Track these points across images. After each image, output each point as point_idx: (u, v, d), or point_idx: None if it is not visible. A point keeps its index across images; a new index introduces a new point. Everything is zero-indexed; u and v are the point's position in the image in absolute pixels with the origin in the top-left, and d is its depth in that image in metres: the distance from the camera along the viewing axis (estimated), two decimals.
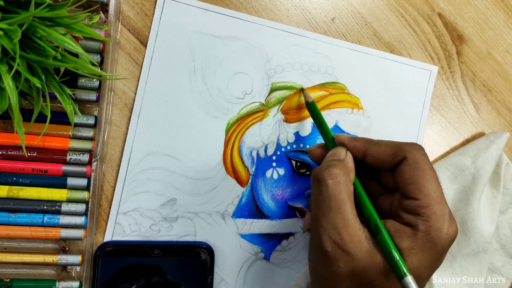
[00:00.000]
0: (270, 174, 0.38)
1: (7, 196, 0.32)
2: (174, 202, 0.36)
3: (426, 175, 0.28)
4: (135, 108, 0.35)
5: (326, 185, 0.28)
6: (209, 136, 0.36)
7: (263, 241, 0.38)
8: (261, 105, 0.37)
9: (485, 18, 0.42)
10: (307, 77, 0.38)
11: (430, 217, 0.27)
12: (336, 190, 0.28)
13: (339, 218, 0.27)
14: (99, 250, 0.34)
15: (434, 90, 0.42)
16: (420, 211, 0.27)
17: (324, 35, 0.39)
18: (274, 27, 0.38)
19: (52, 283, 0.33)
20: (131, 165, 0.35)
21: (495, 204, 0.41)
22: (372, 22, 0.40)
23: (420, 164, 0.28)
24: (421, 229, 0.27)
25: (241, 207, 0.37)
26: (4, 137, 0.32)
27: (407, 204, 0.28)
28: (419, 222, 0.27)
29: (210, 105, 0.36)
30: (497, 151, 0.40)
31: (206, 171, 0.36)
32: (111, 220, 0.35)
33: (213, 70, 0.36)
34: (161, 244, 0.35)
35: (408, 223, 0.28)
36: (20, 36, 0.22)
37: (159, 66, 0.35)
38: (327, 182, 0.28)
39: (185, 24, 0.36)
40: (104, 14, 0.34)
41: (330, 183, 0.28)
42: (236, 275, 0.37)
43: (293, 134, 0.38)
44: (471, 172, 0.39)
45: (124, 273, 0.34)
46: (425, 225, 0.27)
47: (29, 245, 0.34)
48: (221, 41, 0.36)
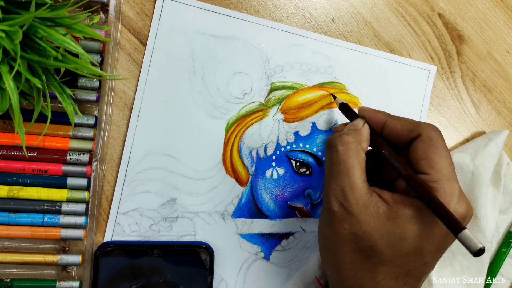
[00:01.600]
0: (270, 174, 0.38)
1: (7, 196, 0.32)
2: (174, 202, 0.36)
3: (439, 153, 0.29)
4: (134, 108, 0.35)
5: (337, 151, 0.30)
6: (209, 136, 0.37)
7: (263, 240, 0.38)
8: (261, 105, 0.37)
9: (485, 18, 0.42)
10: (306, 77, 0.38)
11: (438, 191, 0.27)
12: (345, 155, 0.29)
13: (346, 181, 0.28)
14: (99, 250, 0.34)
15: (434, 90, 0.42)
16: (429, 185, 0.28)
17: (324, 35, 0.39)
18: (274, 27, 0.38)
19: (52, 283, 0.33)
20: (131, 165, 0.35)
21: (495, 204, 0.41)
22: (372, 22, 0.40)
23: (434, 142, 0.29)
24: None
25: (240, 207, 0.37)
26: (4, 137, 0.32)
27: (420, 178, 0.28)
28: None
29: (209, 105, 0.36)
30: (496, 148, 0.40)
31: (205, 171, 0.36)
32: (111, 220, 0.35)
33: (213, 70, 0.36)
34: (161, 244, 0.35)
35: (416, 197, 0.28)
36: (21, 37, 0.22)
37: (158, 66, 0.36)
38: (338, 147, 0.30)
39: (184, 24, 0.36)
40: (104, 14, 0.34)
41: (340, 149, 0.29)
42: (236, 274, 0.37)
43: (293, 133, 0.38)
44: (470, 169, 0.39)
45: (124, 273, 0.34)
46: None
47: (29, 245, 0.34)
48: (221, 41, 0.37)
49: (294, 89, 0.38)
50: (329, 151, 0.31)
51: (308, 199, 0.38)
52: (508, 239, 0.42)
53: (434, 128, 0.30)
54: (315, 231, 0.39)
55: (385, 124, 0.32)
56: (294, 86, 0.38)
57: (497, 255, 0.42)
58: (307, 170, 0.38)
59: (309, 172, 0.38)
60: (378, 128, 0.32)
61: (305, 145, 0.38)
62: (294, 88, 0.38)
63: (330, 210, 0.29)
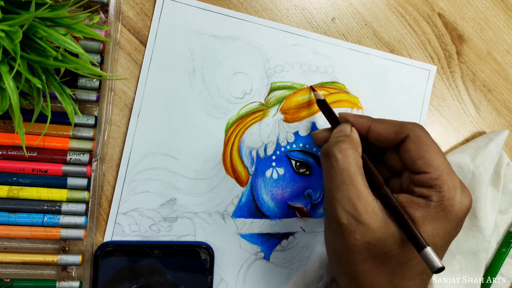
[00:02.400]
0: (270, 174, 0.38)
1: (7, 196, 0.32)
2: (174, 202, 0.36)
3: (432, 149, 0.29)
4: (134, 108, 0.35)
5: (336, 160, 0.29)
6: (209, 136, 0.36)
7: (263, 240, 0.38)
8: (261, 105, 0.37)
9: (485, 18, 0.42)
10: (306, 76, 0.38)
11: (442, 187, 0.28)
12: (346, 163, 0.29)
13: (352, 190, 0.28)
14: (99, 250, 0.34)
15: (434, 90, 0.42)
16: (432, 183, 0.28)
17: (324, 35, 0.39)
18: (273, 27, 0.38)
19: (52, 283, 0.33)
20: (130, 165, 0.35)
21: (494, 204, 0.41)
22: (372, 22, 0.40)
23: (423, 140, 0.29)
24: (434, 200, 0.28)
25: (240, 207, 0.37)
26: (4, 137, 0.32)
27: (419, 179, 0.29)
28: (432, 193, 0.28)
29: (209, 105, 0.36)
30: (496, 148, 0.40)
31: (205, 171, 0.36)
32: (111, 220, 0.35)
33: (213, 70, 0.36)
34: (161, 244, 0.35)
35: (421, 196, 0.28)
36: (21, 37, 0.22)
37: (158, 66, 0.36)
38: (337, 156, 0.29)
39: (184, 24, 0.36)
40: (104, 14, 0.34)
41: (340, 157, 0.29)
42: (236, 274, 0.37)
43: (293, 133, 0.38)
44: (471, 169, 0.39)
45: (124, 273, 0.34)
46: (438, 195, 0.28)
47: (29, 245, 0.34)
48: (221, 41, 0.37)
49: (294, 89, 0.38)
50: (328, 161, 0.30)
51: (308, 199, 0.38)
52: (508, 239, 0.42)
53: (420, 126, 0.30)
54: (315, 231, 0.39)
55: (369, 129, 0.31)
56: (294, 86, 0.38)
57: (497, 254, 0.42)
58: (307, 170, 0.38)
59: (309, 172, 0.38)
60: (363, 133, 0.32)
61: (305, 145, 0.38)
62: (294, 88, 0.38)
63: (338, 223, 0.28)
